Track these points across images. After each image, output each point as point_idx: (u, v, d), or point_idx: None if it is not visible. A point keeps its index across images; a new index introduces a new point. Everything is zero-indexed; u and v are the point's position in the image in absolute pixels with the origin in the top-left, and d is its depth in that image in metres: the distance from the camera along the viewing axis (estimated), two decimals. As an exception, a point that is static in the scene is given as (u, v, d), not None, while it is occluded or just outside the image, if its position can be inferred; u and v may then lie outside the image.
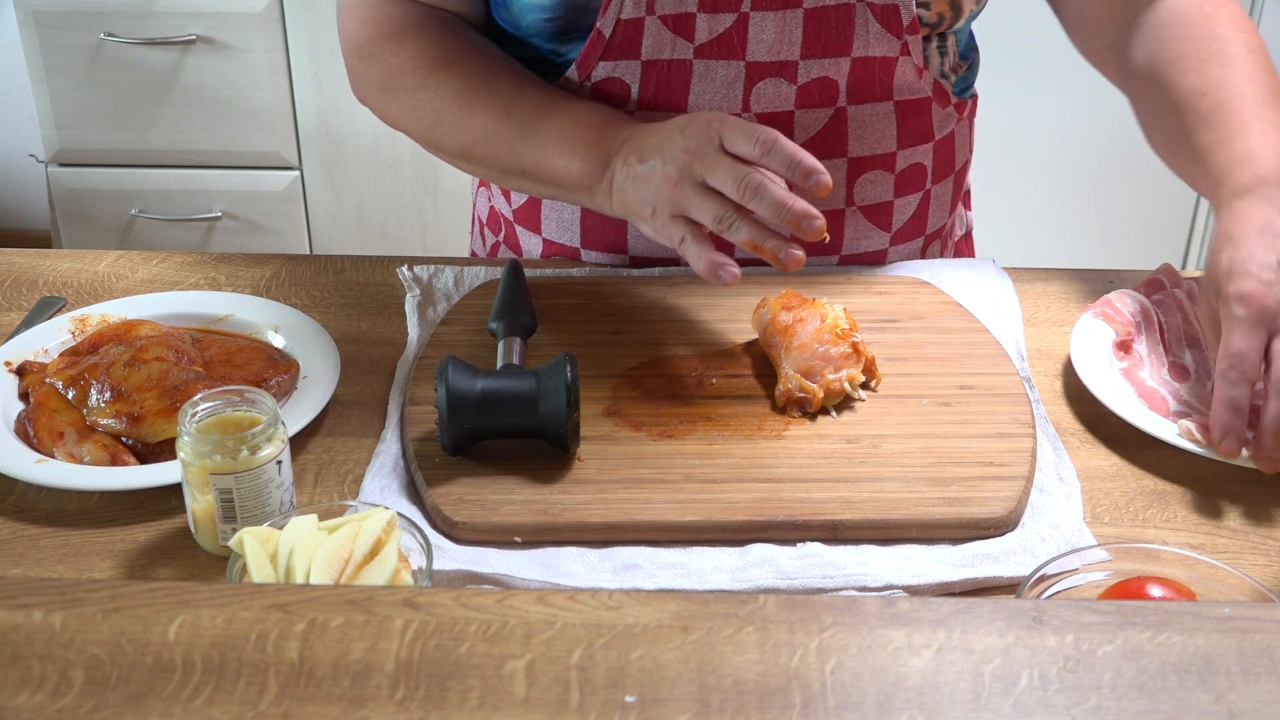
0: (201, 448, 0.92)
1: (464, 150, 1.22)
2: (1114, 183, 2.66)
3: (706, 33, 1.16)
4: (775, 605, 0.71)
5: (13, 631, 0.69)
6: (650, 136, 1.10)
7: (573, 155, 1.14)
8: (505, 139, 1.18)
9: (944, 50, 1.25)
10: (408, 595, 0.71)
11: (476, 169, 1.24)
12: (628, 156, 1.10)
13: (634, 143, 1.11)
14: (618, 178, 1.11)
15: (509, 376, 1.03)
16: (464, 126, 1.20)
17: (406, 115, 1.25)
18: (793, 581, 0.93)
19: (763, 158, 1.03)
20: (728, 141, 1.04)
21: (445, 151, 1.24)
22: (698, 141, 1.05)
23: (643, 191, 1.08)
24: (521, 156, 1.17)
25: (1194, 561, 0.89)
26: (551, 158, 1.16)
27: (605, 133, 1.14)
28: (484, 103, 1.20)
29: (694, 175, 1.04)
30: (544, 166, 1.16)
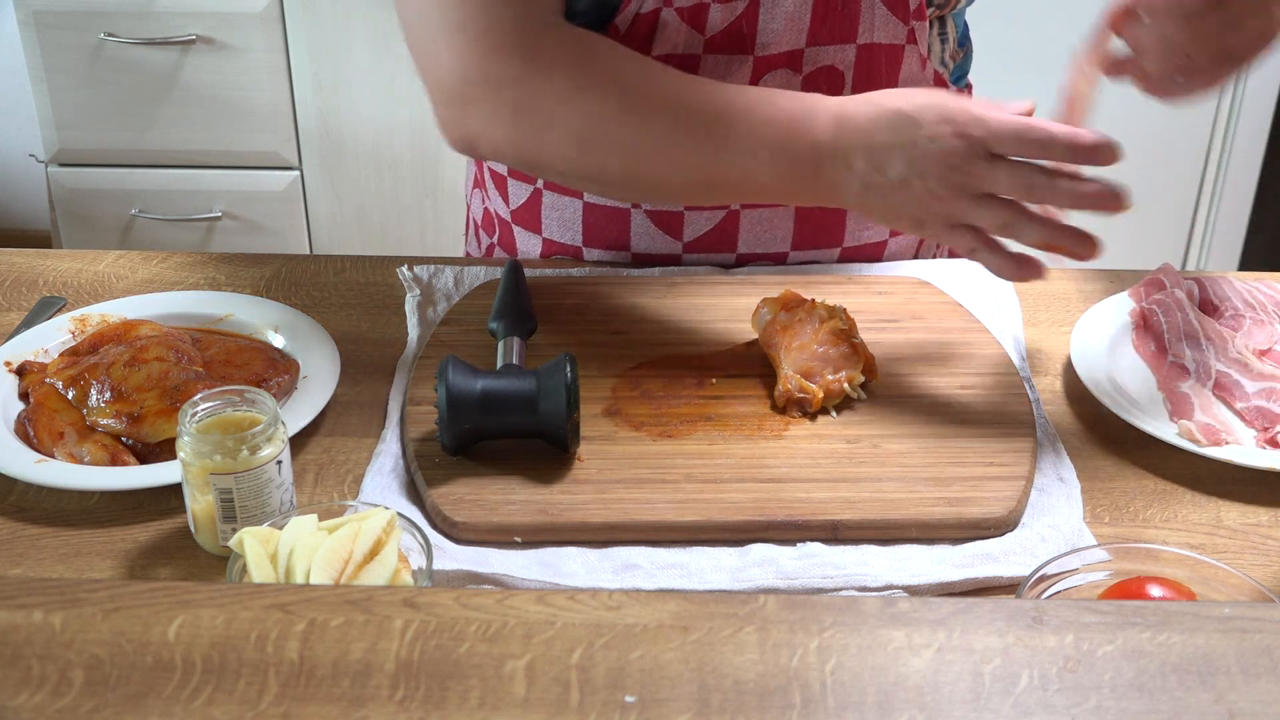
0: (201, 448, 0.92)
1: (635, 168, 1.08)
2: (1114, 183, 2.66)
3: (718, 22, 1.16)
4: (775, 605, 0.71)
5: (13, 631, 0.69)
6: (877, 138, 1.02)
7: (776, 164, 1.06)
8: (688, 149, 1.07)
9: (944, 37, 1.26)
10: (408, 595, 0.71)
11: (643, 188, 1.13)
12: (853, 162, 1.03)
13: (856, 144, 1.03)
14: (851, 186, 1.04)
15: (509, 376, 1.03)
16: (636, 138, 1.07)
17: (554, 135, 1.08)
18: (793, 581, 0.93)
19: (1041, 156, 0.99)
20: (997, 147, 0.98)
21: (607, 174, 1.10)
22: (958, 155, 0.99)
23: (900, 206, 1.03)
24: (711, 170, 1.07)
25: (1194, 561, 0.89)
26: (750, 169, 1.06)
27: (809, 131, 1.04)
28: (657, 106, 1.07)
29: (966, 189, 1.00)
30: (742, 180, 1.08)
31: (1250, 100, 2.59)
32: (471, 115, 1.09)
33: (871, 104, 1.04)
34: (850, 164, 1.03)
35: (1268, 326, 1.18)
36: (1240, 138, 2.62)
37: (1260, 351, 1.15)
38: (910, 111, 1.01)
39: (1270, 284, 1.23)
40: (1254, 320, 1.19)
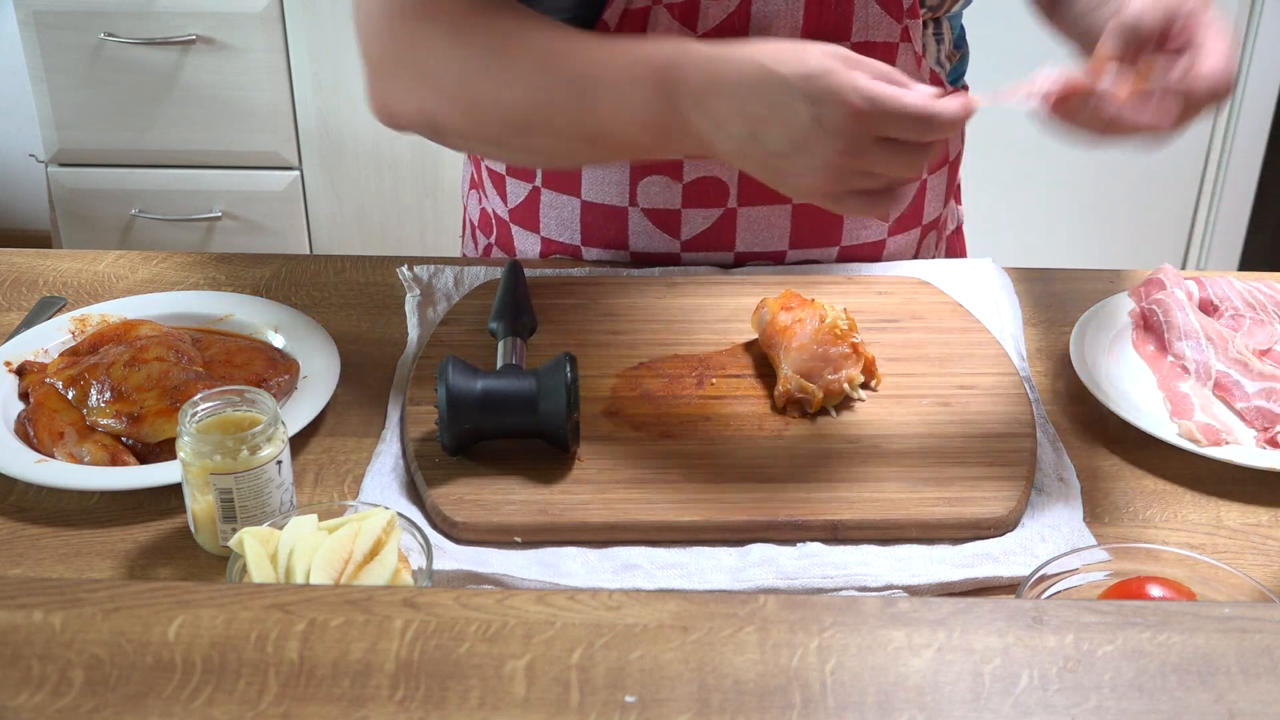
0: (201, 448, 0.92)
1: (514, 121, 1.05)
2: (1113, 183, 2.66)
3: (711, 20, 1.16)
4: (775, 605, 0.71)
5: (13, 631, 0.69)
6: (753, 107, 0.95)
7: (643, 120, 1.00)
8: (558, 103, 1.03)
9: (940, 38, 1.26)
10: (408, 595, 0.71)
11: (531, 147, 1.09)
12: (727, 127, 0.96)
13: (727, 110, 0.96)
14: (725, 146, 0.98)
15: (509, 376, 1.03)
16: (507, 92, 1.04)
17: (440, 94, 1.08)
18: (793, 581, 0.93)
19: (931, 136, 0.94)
20: (890, 132, 0.93)
21: (492, 131, 1.08)
22: (850, 139, 0.93)
23: (782, 174, 0.97)
24: (582, 123, 1.03)
25: (1194, 561, 0.89)
26: (617, 127, 1.02)
27: (667, 88, 0.99)
28: (523, 60, 1.05)
29: (859, 175, 0.95)
30: (611, 133, 1.03)
31: (1250, 100, 2.59)
32: (385, 85, 1.11)
33: (744, 60, 0.96)
34: (724, 127, 0.97)
35: (1268, 326, 1.18)
36: (1240, 138, 2.62)
37: (1260, 351, 1.15)
38: (790, 80, 0.93)
39: (1270, 284, 1.23)
40: (1254, 320, 1.19)
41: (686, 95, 0.98)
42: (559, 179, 1.27)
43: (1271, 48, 2.54)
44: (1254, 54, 2.55)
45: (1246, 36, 2.54)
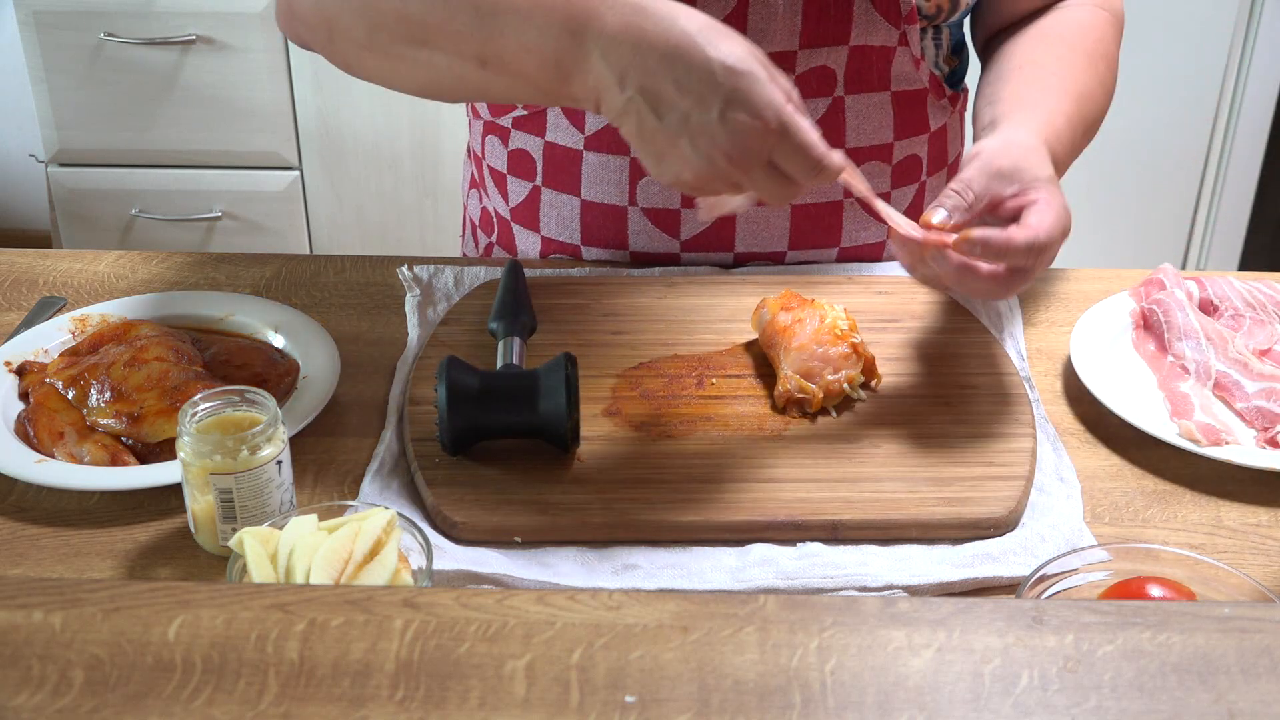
0: (201, 448, 0.92)
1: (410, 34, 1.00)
2: (1113, 183, 2.66)
3: None
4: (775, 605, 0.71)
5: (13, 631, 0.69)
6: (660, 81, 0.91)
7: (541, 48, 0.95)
8: (458, 19, 0.97)
9: (939, 42, 1.26)
10: (408, 595, 0.71)
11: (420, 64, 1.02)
12: (626, 85, 0.92)
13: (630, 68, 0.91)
14: (615, 105, 0.93)
15: (509, 376, 1.03)
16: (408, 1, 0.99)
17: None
18: (793, 581, 0.93)
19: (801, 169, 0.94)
20: (779, 158, 0.92)
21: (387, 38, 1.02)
22: (741, 154, 0.91)
23: (663, 153, 0.93)
24: (479, 45, 0.97)
25: (1194, 561, 0.89)
26: (515, 53, 0.96)
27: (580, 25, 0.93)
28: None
29: (728, 180, 0.93)
30: (506, 61, 0.97)
31: (1250, 100, 2.59)
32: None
33: (670, 24, 0.91)
34: (623, 84, 0.92)
35: (1268, 326, 1.18)
36: (1240, 138, 2.62)
37: (1260, 351, 1.15)
38: (714, 66, 0.90)
39: (1270, 284, 1.23)
40: (1254, 320, 1.19)
41: (597, 38, 0.92)
42: (559, 179, 1.27)
43: (1271, 48, 2.54)
44: (1254, 54, 2.55)
45: (1246, 36, 2.55)
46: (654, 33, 0.91)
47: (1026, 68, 1.20)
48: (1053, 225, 1.02)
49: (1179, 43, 2.54)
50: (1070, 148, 1.16)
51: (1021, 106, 1.14)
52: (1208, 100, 2.60)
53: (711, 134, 0.90)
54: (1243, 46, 2.55)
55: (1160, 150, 2.63)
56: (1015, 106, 1.14)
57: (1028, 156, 1.06)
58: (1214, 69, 2.57)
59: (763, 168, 0.92)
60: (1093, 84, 1.21)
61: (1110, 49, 1.26)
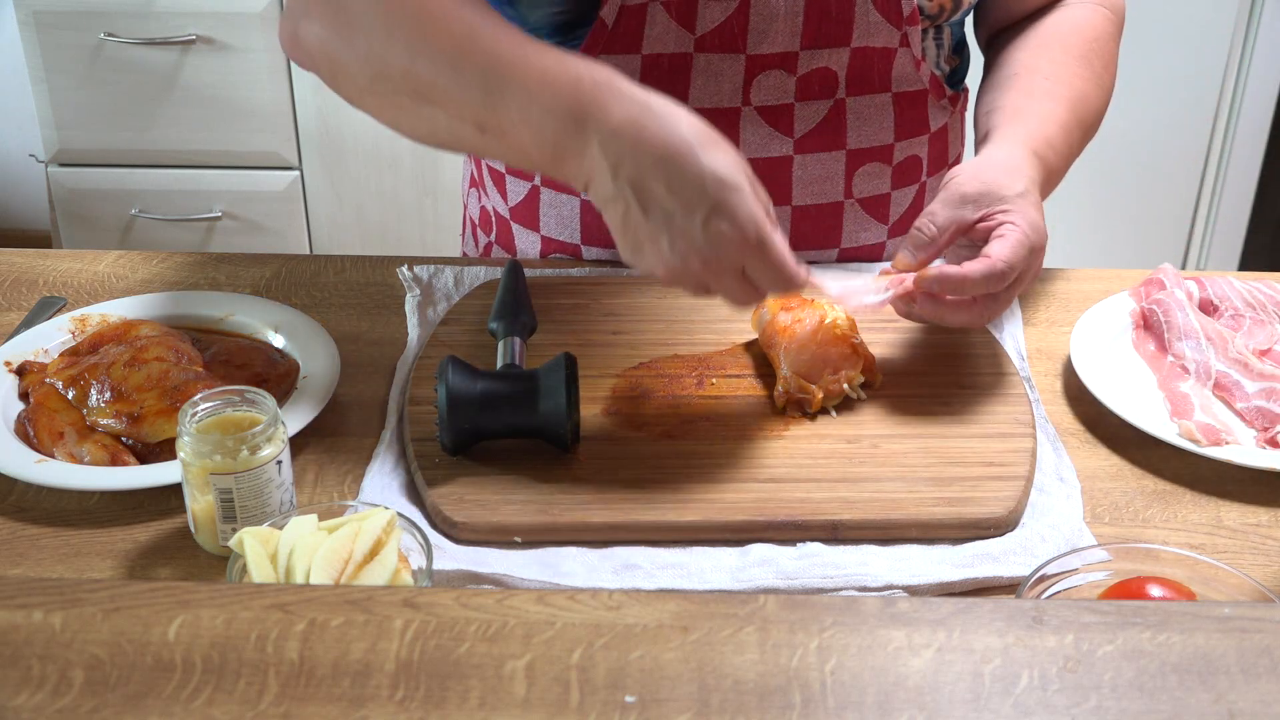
0: (201, 448, 0.92)
1: (414, 90, 1.03)
2: (1113, 183, 2.66)
3: (708, 21, 1.16)
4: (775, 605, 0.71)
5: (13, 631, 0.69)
6: (652, 182, 0.94)
7: (542, 128, 0.97)
8: (464, 86, 1.00)
9: (940, 42, 1.26)
10: (408, 595, 0.71)
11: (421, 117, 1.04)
12: (617, 176, 0.95)
13: (627, 168, 0.95)
14: (603, 191, 0.97)
15: (509, 376, 1.03)
16: (417, 59, 1.01)
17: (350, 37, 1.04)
18: (793, 581, 0.93)
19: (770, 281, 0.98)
20: (752, 273, 0.96)
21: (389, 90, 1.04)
22: (715, 261, 0.95)
23: (632, 240, 0.97)
24: (481, 112, 1.00)
25: (1194, 561, 0.89)
26: (515, 126, 0.99)
27: (581, 112, 0.96)
28: (443, 35, 1.01)
29: (699, 284, 0.97)
30: (507, 132, 0.99)
31: (1250, 100, 2.59)
32: (298, 16, 1.08)
33: (670, 125, 0.95)
34: (616, 175, 0.95)
35: (1268, 326, 1.18)
36: (1240, 138, 2.62)
37: (1260, 351, 1.15)
38: (706, 174, 0.94)
39: (1270, 284, 1.23)
40: (1254, 320, 1.19)
41: (599, 127, 0.95)
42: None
43: (1271, 48, 2.54)
44: (1254, 54, 2.55)
45: (1246, 36, 2.55)
46: (654, 133, 0.94)
47: (1021, 76, 1.22)
48: (1013, 252, 1.05)
49: (1179, 43, 2.54)
50: (1065, 151, 1.17)
51: (1013, 118, 1.17)
52: (1208, 100, 2.60)
53: (692, 238, 0.94)
54: (1243, 46, 2.55)
55: (1160, 150, 2.63)
56: (1006, 118, 1.17)
57: (1000, 177, 1.08)
58: (1214, 69, 2.57)
59: (733, 275, 0.96)
60: (1088, 86, 1.22)
61: (1107, 47, 1.27)
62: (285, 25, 1.10)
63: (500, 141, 1.01)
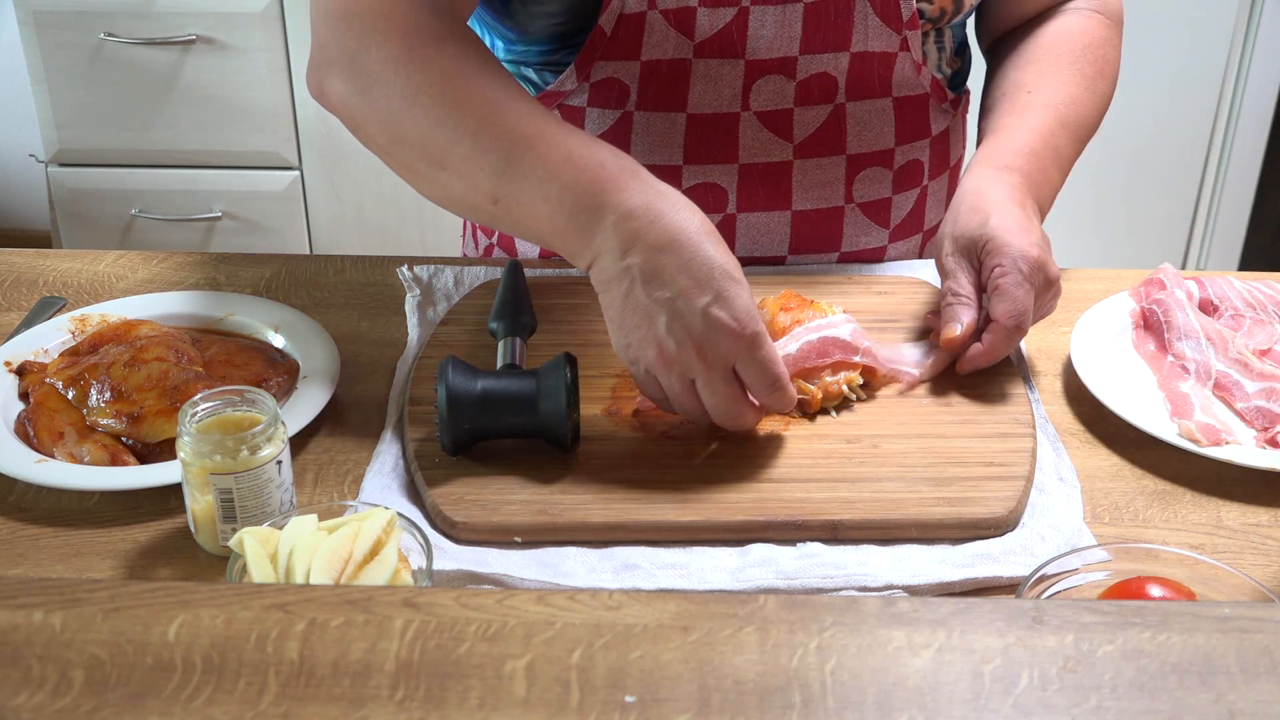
0: (201, 448, 0.92)
1: (431, 157, 1.05)
2: (1113, 183, 2.66)
3: (707, 28, 1.16)
4: (775, 605, 0.71)
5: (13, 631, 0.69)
6: (661, 252, 0.97)
7: (559, 205, 1.00)
8: (483, 159, 1.03)
9: (941, 45, 1.26)
10: (408, 595, 0.71)
11: (435, 182, 1.07)
12: (628, 253, 0.98)
13: (639, 240, 0.98)
14: (606, 264, 0.99)
15: (509, 376, 1.03)
16: (437, 130, 1.04)
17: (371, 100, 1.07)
18: (793, 581, 0.93)
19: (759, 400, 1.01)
20: (743, 371, 0.99)
21: (406, 153, 1.07)
22: (713, 346, 0.97)
23: (629, 323, 0.99)
24: (498, 186, 1.03)
25: (1194, 561, 0.89)
26: (531, 201, 1.02)
27: (601, 195, 0.99)
28: (467, 108, 1.04)
29: (688, 372, 0.99)
30: (522, 206, 1.02)
31: (1250, 100, 2.59)
32: (323, 70, 1.10)
33: (683, 216, 0.98)
34: (625, 255, 0.98)
35: (1268, 326, 1.18)
36: (1240, 138, 2.62)
37: (1260, 351, 1.15)
38: (714, 261, 0.97)
39: (1270, 284, 1.23)
40: (1254, 320, 1.19)
41: (616, 208, 0.98)
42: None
43: (1271, 48, 2.54)
44: (1254, 54, 2.55)
45: (1246, 36, 2.55)
46: (670, 218, 0.98)
47: (1008, 95, 1.24)
48: (1014, 304, 1.08)
49: (1179, 43, 2.54)
50: (1051, 156, 1.19)
51: (989, 140, 1.20)
52: (1208, 100, 2.60)
53: (690, 321, 0.97)
54: (1243, 46, 2.55)
55: (1160, 150, 2.63)
56: (984, 143, 1.20)
57: (970, 219, 1.11)
58: (1214, 69, 2.57)
59: (723, 371, 0.98)
60: (1076, 90, 1.23)
61: (1101, 50, 1.27)
62: (311, 76, 1.12)
63: (510, 215, 1.04)
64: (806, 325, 1.08)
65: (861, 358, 1.08)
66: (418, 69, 1.05)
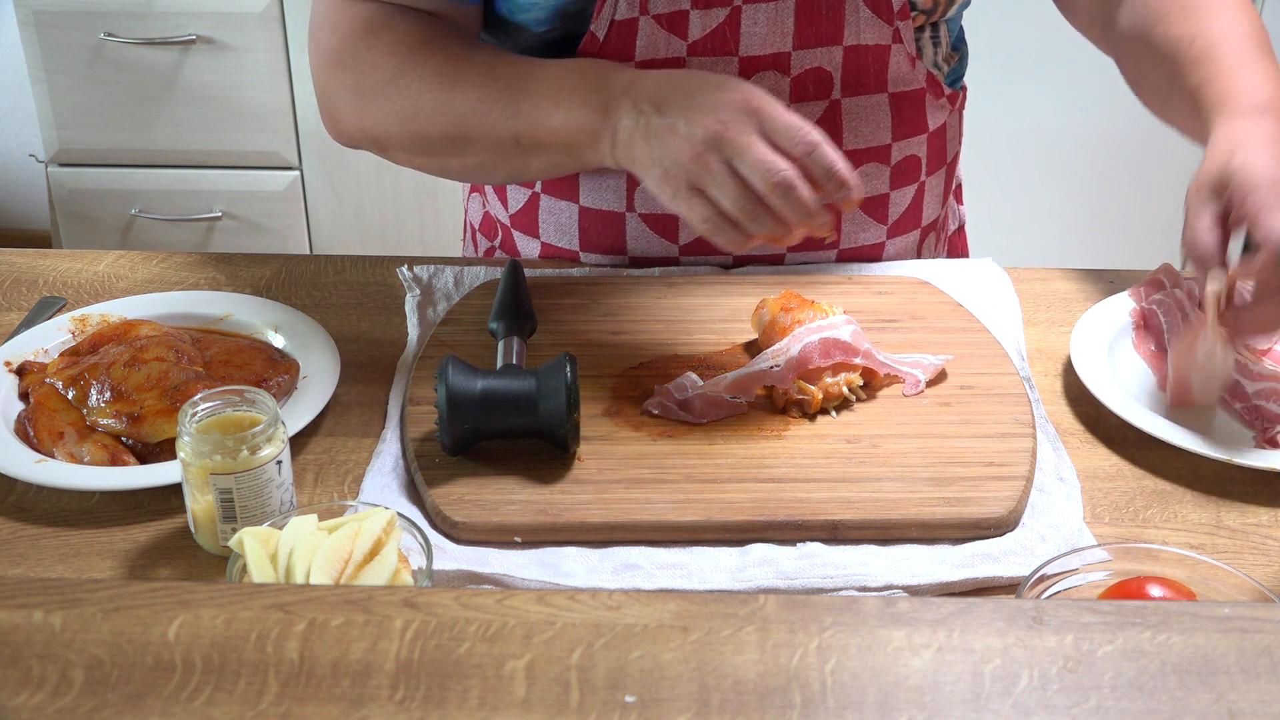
0: (201, 448, 0.92)
1: (451, 132, 1.14)
2: (1113, 182, 2.66)
3: (700, 29, 1.16)
4: (775, 605, 0.71)
5: (13, 631, 0.69)
6: (668, 85, 1.06)
7: (570, 105, 1.09)
8: (494, 106, 1.12)
9: (936, 40, 1.26)
10: (408, 595, 0.71)
11: (466, 156, 1.17)
12: (639, 101, 1.06)
13: (646, 88, 1.07)
14: (625, 123, 1.07)
15: (509, 376, 1.03)
16: (448, 105, 1.14)
17: (384, 111, 1.17)
18: (793, 581, 0.93)
19: (802, 158, 1.01)
20: (769, 129, 1.01)
21: (432, 143, 1.16)
22: (734, 116, 1.02)
23: (656, 150, 1.04)
24: (514, 120, 1.12)
25: (1194, 561, 0.89)
26: (547, 112, 1.10)
27: (605, 78, 1.09)
28: (466, 75, 1.13)
29: (721, 151, 1.01)
30: (540, 125, 1.11)
31: (1250, 100, 2.59)
32: (332, 103, 1.21)
33: (681, 71, 1.11)
34: (637, 104, 1.06)
35: (1268, 326, 1.18)
36: (1240, 138, 2.62)
37: (1260, 351, 1.15)
38: (715, 78, 1.06)
39: (1270, 284, 1.23)
40: (1254, 320, 1.18)
41: (611, 87, 1.08)
42: (558, 185, 1.27)
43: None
44: (1254, 54, 2.55)
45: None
46: (663, 71, 1.10)
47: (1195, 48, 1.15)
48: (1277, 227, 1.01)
49: (1179, 43, 2.54)
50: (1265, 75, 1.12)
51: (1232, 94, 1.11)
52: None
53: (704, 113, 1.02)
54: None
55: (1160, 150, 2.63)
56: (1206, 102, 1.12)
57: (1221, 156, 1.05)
58: (1214, 69, 2.57)
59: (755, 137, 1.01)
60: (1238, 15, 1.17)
61: None
62: (326, 120, 1.22)
63: (536, 142, 1.12)
64: (807, 326, 1.09)
65: (862, 359, 1.08)
66: (416, 69, 1.15)
